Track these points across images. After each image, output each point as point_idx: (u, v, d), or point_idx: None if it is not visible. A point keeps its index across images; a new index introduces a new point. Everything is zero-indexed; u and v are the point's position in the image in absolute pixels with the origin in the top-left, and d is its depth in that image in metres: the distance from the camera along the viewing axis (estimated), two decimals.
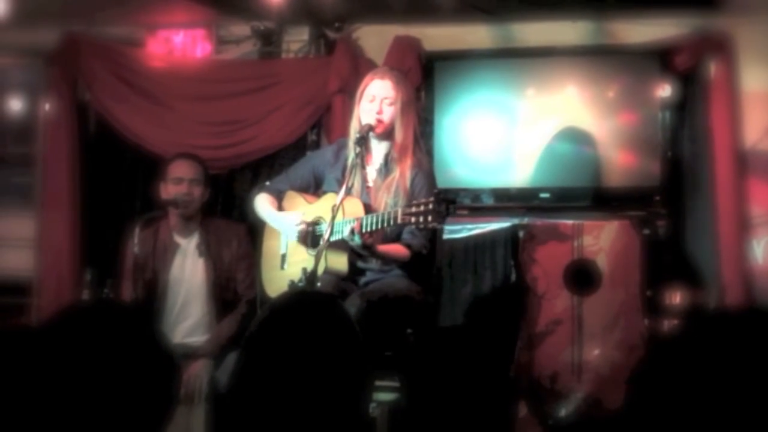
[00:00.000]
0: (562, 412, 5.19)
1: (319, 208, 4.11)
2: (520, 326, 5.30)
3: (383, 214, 3.77)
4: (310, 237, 4.08)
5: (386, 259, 4.00)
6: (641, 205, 5.38)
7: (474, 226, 5.45)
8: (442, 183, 4.34)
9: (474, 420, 5.02)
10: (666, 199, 5.35)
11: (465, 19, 5.53)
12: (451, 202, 3.67)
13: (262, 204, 4.30)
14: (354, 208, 3.94)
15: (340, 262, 3.94)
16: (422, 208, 3.60)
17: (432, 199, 3.60)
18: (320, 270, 3.78)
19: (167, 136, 5.81)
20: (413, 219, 3.62)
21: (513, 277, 5.37)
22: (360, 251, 3.91)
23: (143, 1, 5.65)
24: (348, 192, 3.89)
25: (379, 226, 3.77)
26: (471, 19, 5.55)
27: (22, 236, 6.11)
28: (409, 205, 3.69)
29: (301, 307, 2.28)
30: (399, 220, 3.68)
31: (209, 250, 4.65)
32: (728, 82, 5.29)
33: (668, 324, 5.07)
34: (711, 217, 5.26)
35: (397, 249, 3.98)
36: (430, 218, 3.59)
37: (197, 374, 4.41)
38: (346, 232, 3.79)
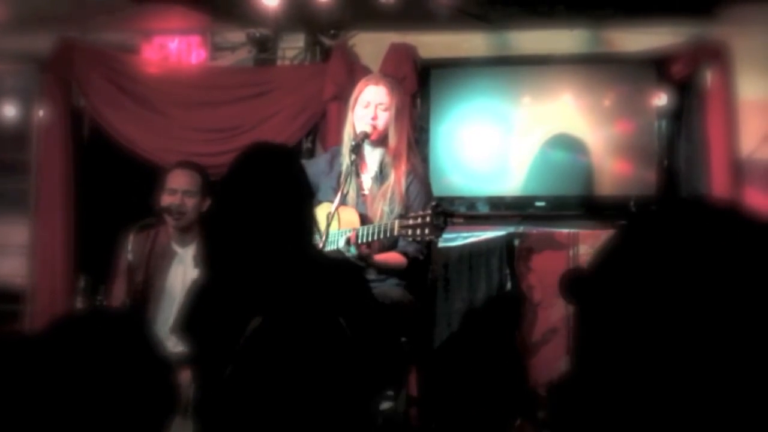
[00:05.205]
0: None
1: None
2: (516, 335, 5.28)
3: (379, 226, 3.76)
4: None
5: (383, 269, 3.97)
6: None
7: (469, 234, 5.42)
8: (437, 191, 4.32)
9: (469, 428, 5.00)
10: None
11: (461, 26, 5.52)
12: (448, 215, 3.65)
13: None
14: (349, 217, 3.92)
15: None
16: (419, 220, 3.59)
17: (429, 212, 3.59)
18: None
19: (161, 142, 5.79)
20: (409, 231, 3.61)
21: (508, 285, 5.35)
22: (356, 262, 3.89)
23: (138, 7, 5.63)
24: (343, 200, 3.87)
25: (375, 238, 3.76)
26: (467, 27, 5.53)
27: (15, 243, 6.08)
28: (405, 217, 3.67)
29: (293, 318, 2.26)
30: (395, 233, 3.67)
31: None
32: (724, 90, 5.28)
33: None
34: None
35: (393, 257, 3.96)
36: (427, 231, 3.57)
37: (186, 383, 4.36)
38: (342, 243, 3.77)
